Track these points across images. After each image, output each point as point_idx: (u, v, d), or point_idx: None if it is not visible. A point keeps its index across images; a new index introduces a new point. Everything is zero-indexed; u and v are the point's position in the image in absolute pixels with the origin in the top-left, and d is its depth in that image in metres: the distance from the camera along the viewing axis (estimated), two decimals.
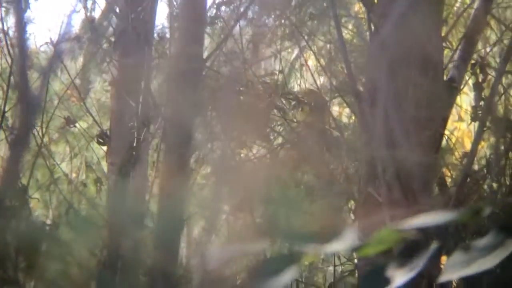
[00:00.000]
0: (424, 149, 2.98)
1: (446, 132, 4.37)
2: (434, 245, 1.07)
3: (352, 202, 4.02)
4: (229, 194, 4.67)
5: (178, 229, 3.19)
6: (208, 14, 4.16)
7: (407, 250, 1.08)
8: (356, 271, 3.88)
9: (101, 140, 4.51)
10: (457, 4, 4.23)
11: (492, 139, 3.63)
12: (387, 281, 1.04)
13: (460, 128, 5.02)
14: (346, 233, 1.11)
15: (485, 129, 3.14)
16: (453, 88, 3.17)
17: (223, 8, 4.15)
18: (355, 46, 3.70)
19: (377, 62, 3.03)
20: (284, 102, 4.68)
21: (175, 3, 4.38)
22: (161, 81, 4.02)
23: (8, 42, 4.44)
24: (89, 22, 4.58)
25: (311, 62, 4.90)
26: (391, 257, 1.08)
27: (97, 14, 5.23)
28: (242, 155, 4.93)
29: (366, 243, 1.08)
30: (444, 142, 4.25)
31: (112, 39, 4.54)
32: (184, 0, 3.19)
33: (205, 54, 4.31)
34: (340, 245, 1.09)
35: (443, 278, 1.03)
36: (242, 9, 4.32)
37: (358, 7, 4.75)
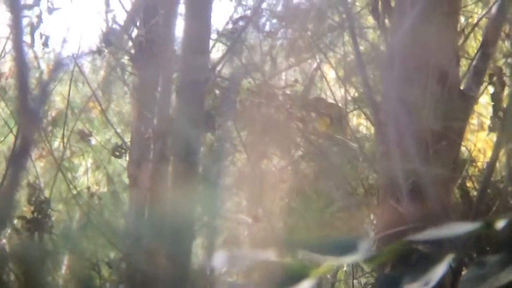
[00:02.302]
0: (441, 159, 2.96)
1: (467, 142, 4.34)
2: (448, 258, 1.05)
3: (372, 214, 4.00)
4: (249, 205, 4.67)
5: (186, 238, 3.18)
6: (225, 27, 4.18)
7: (423, 263, 1.06)
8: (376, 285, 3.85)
9: (117, 153, 4.52)
10: (473, 14, 4.21)
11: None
12: None
13: (482, 138, 4.98)
14: (360, 244, 1.10)
15: (504, 139, 3.12)
16: (470, 97, 3.15)
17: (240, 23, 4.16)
18: (372, 57, 3.69)
19: (393, 73, 3.02)
20: (304, 113, 4.68)
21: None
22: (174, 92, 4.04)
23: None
24: (107, 35, 4.61)
25: (331, 73, 4.90)
26: (406, 270, 1.06)
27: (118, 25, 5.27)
28: (262, 166, 4.93)
29: (379, 253, 1.07)
30: (465, 152, 4.22)
31: (132, 51, 4.56)
32: (188, 13, 3.20)
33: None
34: (354, 257, 1.08)
35: None
36: (258, 22, 4.33)
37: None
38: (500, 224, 1.02)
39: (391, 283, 1.06)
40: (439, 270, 1.03)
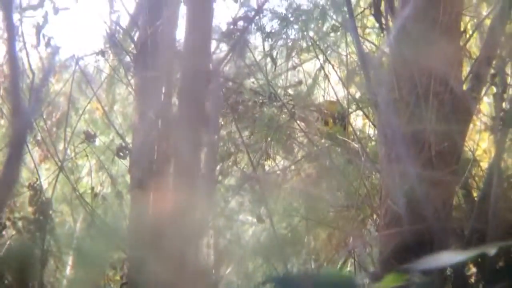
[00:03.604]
0: (444, 160, 2.95)
1: (471, 143, 4.33)
2: None
3: (374, 214, 3.99)
4: (252, 205, 4.66)
5: (190, 238, 3.18)
6: (229, 27, 4.18)
7: None
8: None
9: (121, 154, 4.52)
10: (477, 14, 4.19)
11: None
12: None
13: (486, 139, 4.96)
14: (355, 278, 1.10)
15: (507, 140, 3.10)
16: (473, 98, 3.14)
17: (240, 23, 4.16)
18: (375, 58, 3.68)
19: (396, 73, 3.01)
20: (307, 113, 4.68)
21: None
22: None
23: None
24: (111, 36, 4.61)
25: (335, 74, 4.88)
26: None
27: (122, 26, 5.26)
28: (265, 166, 4.93)
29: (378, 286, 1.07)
30: (469, 153, 4.20)
31: (134, 52, 4.56)
32: (189, 13, 3.19)
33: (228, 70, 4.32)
34: None
35: None
36: (260, 23, 4.33)
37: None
38: (492, 251, 0.99)
39: None
40: None
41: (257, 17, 4.34)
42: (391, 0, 3.35)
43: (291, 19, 4.42)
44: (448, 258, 1.05)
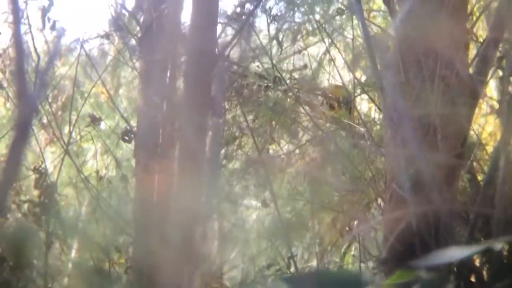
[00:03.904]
0: (449, 144, 2.94)
1: (477, 126, 4.31)
2: None
3: (379, 198, 3.99)
4: (257, 189, 4.66)
5: (194, 222, 3.18)
6: (234, 10, 4.17)
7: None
8: None
9: (126, 138, 4.52)
10: None
11: None
12: None
13: (492, 122, 4.95)
14: (363, 276, 1.11)
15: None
16: (479, 81, 3.12)
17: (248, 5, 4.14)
18: (382, 40, 3.66)
19: (402, 56, 2.99)
20: (311, 97, 4.67)
21: None
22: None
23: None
24: (116, 19, 4.60)
25: (340, 58, 4.87)
26: None
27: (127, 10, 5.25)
28: (271, 150, 4.93)
29: (385, 284, 1.08)
30: (474, 136, 4.19)
31: (139, 35, 4.56)
32: None
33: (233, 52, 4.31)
34: None
35: None
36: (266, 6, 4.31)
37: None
38: (498, 246, 1.00)
39: None
40: None
41: (263, 0, 4.32)
42: None
43: (297, 2, 4.40)
44: (454, 253, 1.05)
